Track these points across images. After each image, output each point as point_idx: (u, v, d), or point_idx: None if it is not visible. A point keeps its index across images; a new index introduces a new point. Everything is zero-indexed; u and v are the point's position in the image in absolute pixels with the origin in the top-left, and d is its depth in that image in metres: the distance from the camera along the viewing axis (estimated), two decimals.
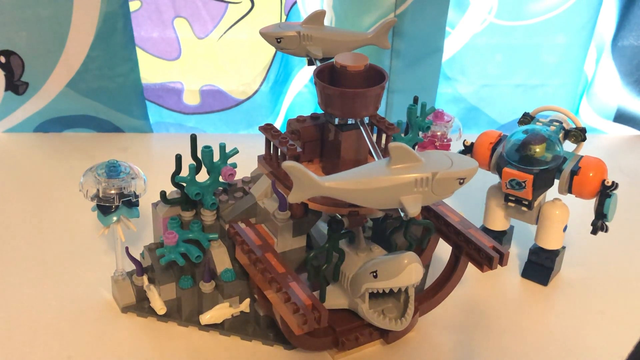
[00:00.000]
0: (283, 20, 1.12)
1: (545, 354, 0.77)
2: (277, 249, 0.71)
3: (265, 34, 0.75)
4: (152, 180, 0.77)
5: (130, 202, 0.74)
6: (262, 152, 0.74)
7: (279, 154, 0.71)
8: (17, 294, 0.80)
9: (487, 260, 0.72)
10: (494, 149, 0.85)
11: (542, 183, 0.81)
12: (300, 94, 1.22)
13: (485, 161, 0.86)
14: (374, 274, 0.68)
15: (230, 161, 0.74)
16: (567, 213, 0.84)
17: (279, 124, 1.21)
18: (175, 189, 0.76)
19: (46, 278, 0.83)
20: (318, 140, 0.72)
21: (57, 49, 1.06)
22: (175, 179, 0.74)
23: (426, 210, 0.78)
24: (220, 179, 0.75)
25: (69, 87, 1.10)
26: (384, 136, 0.74)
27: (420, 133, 0.83)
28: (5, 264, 0.85)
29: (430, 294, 0.78)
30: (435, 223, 0.77)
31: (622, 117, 1.24)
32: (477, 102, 1.22)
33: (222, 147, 0.73)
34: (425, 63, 1.13)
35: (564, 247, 0.88)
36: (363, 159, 0.71)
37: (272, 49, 1.12)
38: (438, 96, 1.20)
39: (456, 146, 0.91)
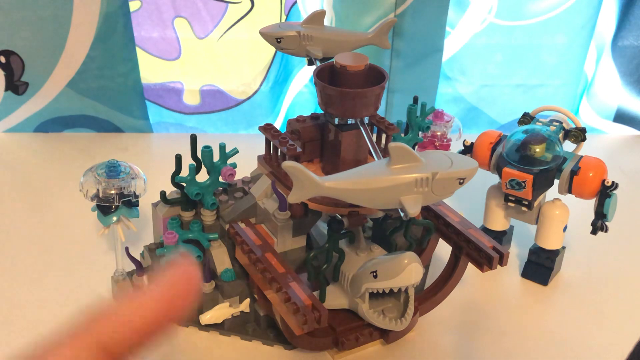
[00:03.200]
0: (283, 20, 1.12)
1: (545, 354, 0.77)
2: (277, 249, 0.71)
3: (265, 34, 0.75)
4: (152, 180, 0.77)
5: (130, 202, 0.74)
6: (262, 152, 0.74)
7: (279, 154, 0.71)
8: (17, 294, 0.80)
9: (487, 260, 0.72)
10: (494, 149, 0.85)
11: (542, 183, 0.81)
12: (300, 94, 1.22)
13: (485, 161, 0.86)
14: (374, 274, 0.68)
15: (230, 161, 0.74)
16: (567, 213, 0.84)
17: (279, 124, 1.21)
18: (175, 189, 0.76)
19: (46, 278, 0.83)
20: (318, 140, 0.72)
21: (57, 49, 1.06)
22: (175, 179, 0.74)
23: (426, 210, 0.78)
24: (220, 179, 0.75)
25: (69, 87, 1.09)
26: (384, 136, 0.74)
27: (420, 133, 0.83)
28: (5, 263, 0.85)
29: (430, 294, 0.78)
30: (435, 223, 0.77)
31: (622, 117, 1.24)
32: (477, 102, 1.22)
33: (222, 147, 0.73)
34: (425, 63, 1.13)
35: (564, 247, 0.88)
36: (363, 159, 0.71)
37: (272, 49, 1.12)
38: (438, 96, 1.20)
39: (456, 146, 0.91)
